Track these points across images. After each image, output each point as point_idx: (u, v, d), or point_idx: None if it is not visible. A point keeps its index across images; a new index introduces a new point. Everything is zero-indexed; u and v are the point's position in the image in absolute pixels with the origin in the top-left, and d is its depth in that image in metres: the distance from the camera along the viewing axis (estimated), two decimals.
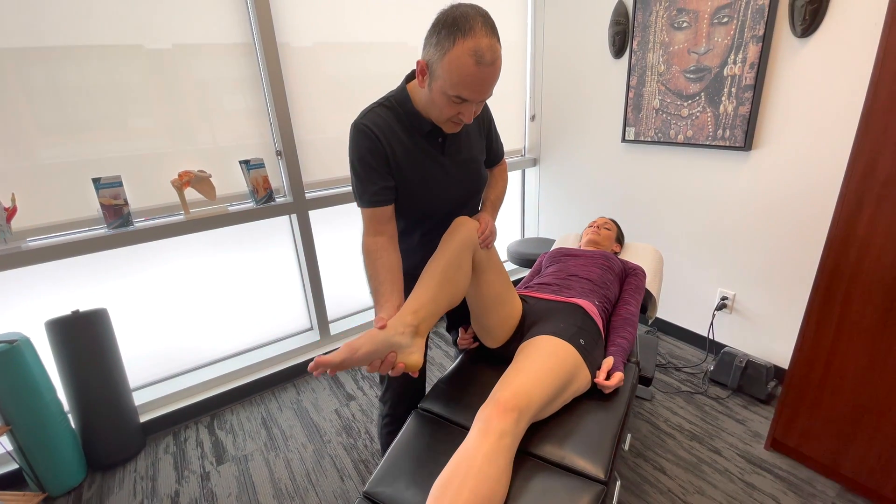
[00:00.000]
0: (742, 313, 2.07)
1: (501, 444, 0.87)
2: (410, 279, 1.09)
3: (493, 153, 1.28)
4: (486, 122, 1.23)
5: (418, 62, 0.94)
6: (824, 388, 1.45)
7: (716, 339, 2.19)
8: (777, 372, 1.94)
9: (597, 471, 0.95)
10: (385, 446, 1.33)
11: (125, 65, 1.61)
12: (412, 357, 0.95)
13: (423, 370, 1.28)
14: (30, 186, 1.53)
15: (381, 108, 1.05)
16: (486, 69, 0.88)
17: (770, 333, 1.99)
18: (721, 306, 2.12)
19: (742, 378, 1.92)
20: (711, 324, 2.17)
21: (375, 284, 1.03)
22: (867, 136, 1.25)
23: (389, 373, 0.93)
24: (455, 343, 1.47)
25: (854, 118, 1.54)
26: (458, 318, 1.43)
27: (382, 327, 0.92)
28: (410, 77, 1.07)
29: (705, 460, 1.62)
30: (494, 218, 1.24)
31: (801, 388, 1.51)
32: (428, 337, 1.20)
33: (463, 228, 1.09)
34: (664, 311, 2.41)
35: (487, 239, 1.13)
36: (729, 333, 2.15)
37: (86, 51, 1.54)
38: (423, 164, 1.08)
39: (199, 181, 1.75)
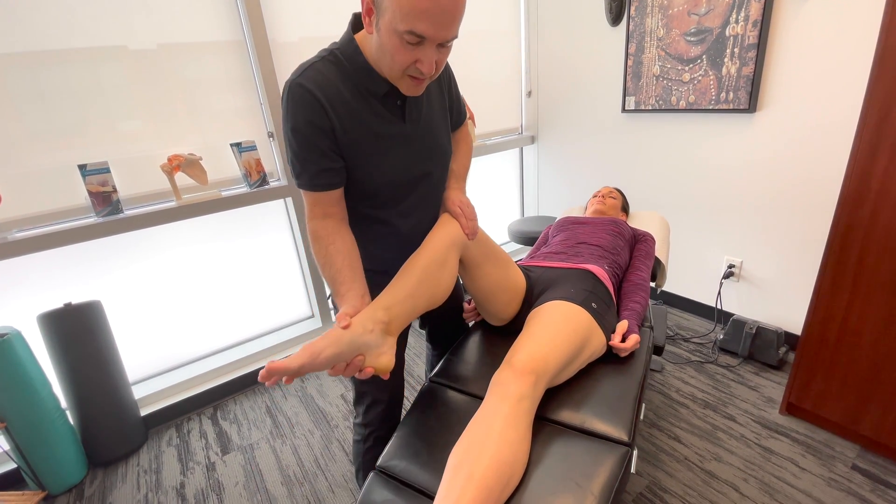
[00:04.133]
0: (750, 280, 2.04)
1: (520, 407, 0.83)
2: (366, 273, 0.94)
3: (454, 116, 1.08)
4: (445, 80, 1.01)
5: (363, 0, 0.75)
6: (840, 348, 1.42)
7: (723, 309, 2.16)
8: (788, 337, 1.92)
9: (619, 433, 0.91)
10: (366, 471, 1.14)
11: (110, 66, 1.56)
12: (382, 359, 0.83)
13: (400, 375, 1.14)
14: (15, 186, 1.48)
15: (324, 64, 0.83)
16: None
17: (779, 299, 1.96)
18: (728, 274, 2.08)
19: (753, 345, 1.90)
20: (719, 293, 2.13)
21: (331, 273, 0.88)
22: (880, 82, 1.21)
23: (357, 376, 0.82)
24: (428, 339, 1.36)
25: (864, 70, 1.50)
26: (433, 312, 1.19)
27: (347, 327, 0.79)
28: (356, 24, 0.86)
29: (720, 427, 1.59)
30: (464, 190, 1.09)
31: (817, 350, 1.47)
32: (406, 336, 1.09)
33: (448, 225, 0.97)
34: (669, 283, 2.37)
35: (472, 225, 0.99)
36: (736, 302, 2.12)
37: (69, 54, 1.49)
38: (380, 134, 0.88)
39: (190, 165, 1.69)
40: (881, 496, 1.28)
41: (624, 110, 2.24)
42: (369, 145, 0.87)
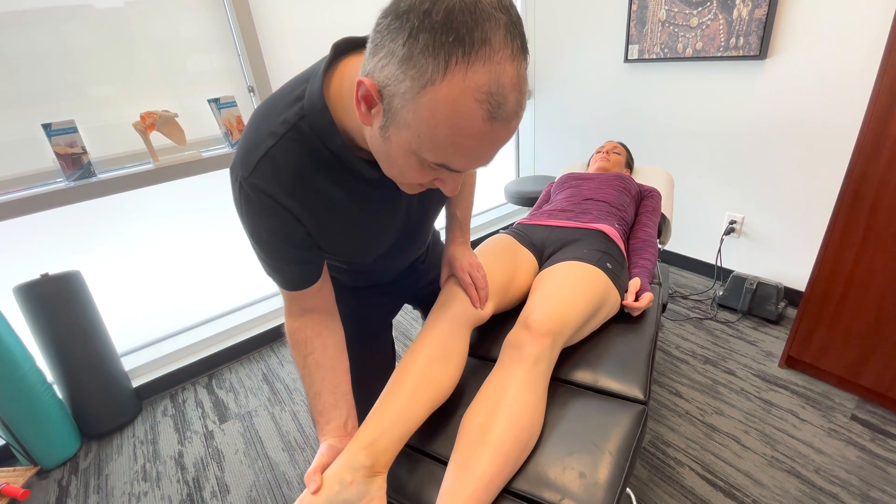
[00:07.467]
0: (751, 236, 2.01)
1: (537, 369, 0.79)
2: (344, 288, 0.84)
3: None
4: None
5: (360, 83, 0.47)
6: (846, 301, 1.41)
7: (723, 266, 2.14)
8: (787, 293, 1.91)
9: (634, 391, 0.88)
10: None
11: (76, 27, 1.43)
12: None
13: (391, 356, 1.06)
14: None
15: (284, 147, 0.58)
16: (504, 126, 0.46)
17: (780, 255, 1.94)
18: (729, 231, 2.05)
19: (752, 301, 1.89)
20: (719, 250, 2.11)
21: (310, 395, 0.73)
22: None
23: None
24: (424, 316, 1.19)
25: (887, 9, 1.41)
26: (426, 293, 1.09)
27: (317, 490, 0.62)
28: (330, 62, 0.58)
29: (720, 382, 1.60)
30: (468, 244, 0.94)
31: (821, 303, 1.46)
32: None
33: (455, 303, 0.85)
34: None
35: (484, 294, 0.88)
36: (736, 258, 2.10)
37: (31, 15, 1.35)
38: (365, 214, 0.69)
39: (165, 123, 1.56)
40: (881, 445, 1.30)
41: (627, 60, 2.12)
42: (352, 225, 0.69)
